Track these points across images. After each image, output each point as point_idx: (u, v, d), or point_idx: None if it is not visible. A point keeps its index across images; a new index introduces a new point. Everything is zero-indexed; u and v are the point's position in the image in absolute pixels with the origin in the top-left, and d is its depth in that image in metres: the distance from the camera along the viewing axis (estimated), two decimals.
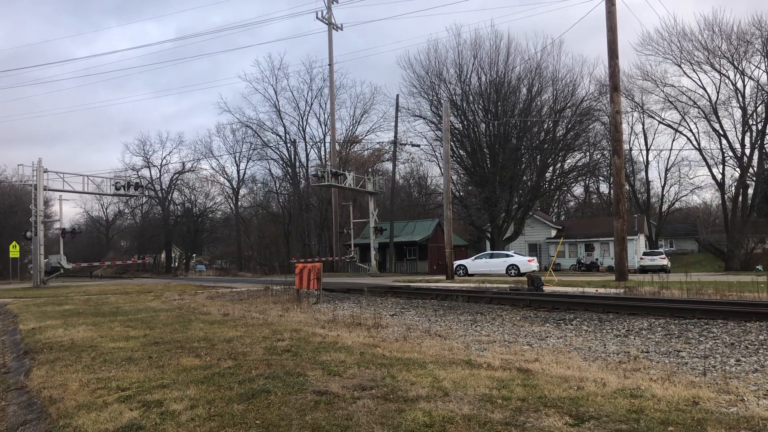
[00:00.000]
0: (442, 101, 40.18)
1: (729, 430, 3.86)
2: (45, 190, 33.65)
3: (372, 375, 5.78)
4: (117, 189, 38.05)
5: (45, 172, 32.75)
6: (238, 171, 65.89)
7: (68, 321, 11.88)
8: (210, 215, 72.64)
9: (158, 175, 68.35)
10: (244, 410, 4.68)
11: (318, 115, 58.41)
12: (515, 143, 43.31)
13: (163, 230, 67.24)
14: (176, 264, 73.13)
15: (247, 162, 64.83)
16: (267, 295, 17.43)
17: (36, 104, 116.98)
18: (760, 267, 39.80)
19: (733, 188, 47.62)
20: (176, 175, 68.19)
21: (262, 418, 4.43)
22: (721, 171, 46.94)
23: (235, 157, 65.95)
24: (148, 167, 67.75)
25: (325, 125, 56.29)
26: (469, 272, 33.71)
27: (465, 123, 44.40)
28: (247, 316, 11.98)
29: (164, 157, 71.79)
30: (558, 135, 44.62)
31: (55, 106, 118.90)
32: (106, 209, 78.08)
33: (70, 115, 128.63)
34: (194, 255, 76.68)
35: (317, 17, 47.40)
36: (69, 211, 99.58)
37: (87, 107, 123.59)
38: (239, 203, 67.93)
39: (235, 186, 66.74)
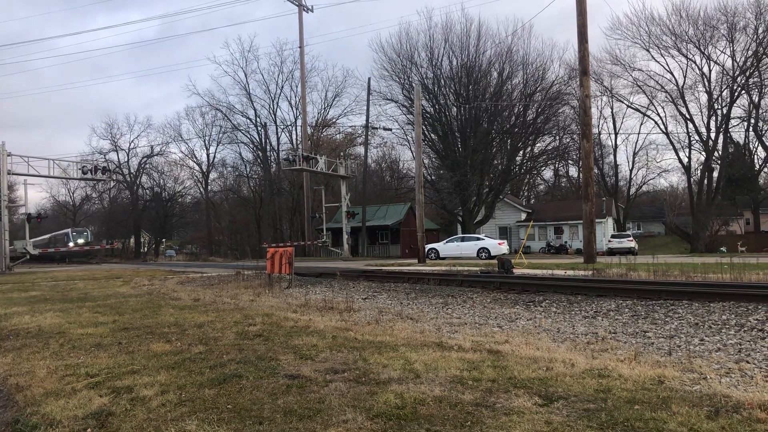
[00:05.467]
0: (413, 85, 40.12)
1: (692, 408, 3.96)
2: (9, 174, 32.93)
3: (344, 358, 5.79)
4: (84, 173, 37.40)
5: (9, 155, 31.99)
6: (207, 155, 65.21)
7: (35, 307, 11.68)
8: (179, 200, 71.64)
9: (126, 159, 67.16)
10: (215, 395, 4.66)
11: (289, 98, 57.84)
12: (486, 127, 43.52)
13: (132, 215, 66.18)
14: (145, 249, 72.12)
15: (217, 146, 64.17)
16: (238, 280, 17.32)
17: (11, 88, 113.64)
18: (724, 248, 40.80)
19: (698, 171, 48.63)
20: (145, 159, 67.07)
21: (234, 403, 4.42)
22: (687, 154, 47.96)
23: (204, 141, 65.06)
24: (116, 151, 66.53)
25: (297, 108, 55.78)
26: (441, 256, 33.90)
27: (436, 107, 44.46)
28: (218, 301, 11.90)
29: (132, 141, 70.63)
30: (528, 119, 44.96)
31: (33, 90, 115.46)
32: (72, 194, 76.63)
33: (47, 103, 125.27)
34: (164, 240, 75.65)
35: None
36: (34, 196, 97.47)
37: (64, 88, 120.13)
38: (209, 187, 67.16)
39: (204, 170, 65.93)
